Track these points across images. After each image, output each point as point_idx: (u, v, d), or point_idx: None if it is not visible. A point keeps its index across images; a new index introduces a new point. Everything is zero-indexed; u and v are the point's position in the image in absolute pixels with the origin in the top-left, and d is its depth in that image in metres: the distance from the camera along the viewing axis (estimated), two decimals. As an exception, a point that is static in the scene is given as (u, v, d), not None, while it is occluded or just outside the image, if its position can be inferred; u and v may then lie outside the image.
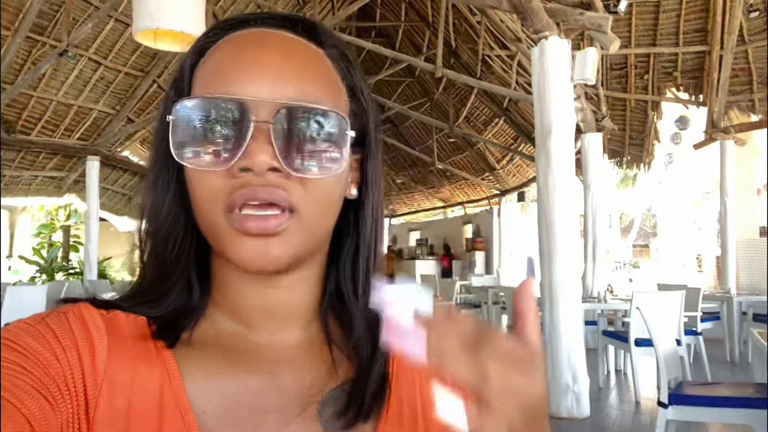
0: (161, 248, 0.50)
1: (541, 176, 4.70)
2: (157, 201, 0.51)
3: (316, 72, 0.50)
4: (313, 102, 0.47)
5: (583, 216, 7.80)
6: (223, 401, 0.48)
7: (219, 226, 0.46)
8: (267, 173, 0.45)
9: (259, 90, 0.46)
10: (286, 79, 0.47)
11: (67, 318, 0.47)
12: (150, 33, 4.63)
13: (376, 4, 12.22)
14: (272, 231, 0.46)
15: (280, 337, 0.53)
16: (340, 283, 0.56)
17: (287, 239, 0.47)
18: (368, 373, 0.53)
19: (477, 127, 13.27)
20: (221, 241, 0.47)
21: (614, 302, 6.21)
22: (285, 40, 0.50)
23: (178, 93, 0.51)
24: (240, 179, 0.45)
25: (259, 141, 0.45)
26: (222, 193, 0.46)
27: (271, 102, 0.46)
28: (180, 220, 0.50)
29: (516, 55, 9.43)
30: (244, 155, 0.45)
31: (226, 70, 0.47)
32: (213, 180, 0.46)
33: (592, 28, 4.89)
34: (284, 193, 0.46)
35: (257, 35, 0.50)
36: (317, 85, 0.49)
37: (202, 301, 0.52)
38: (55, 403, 0.42)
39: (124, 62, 9.47)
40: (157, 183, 0.50)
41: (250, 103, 0.45)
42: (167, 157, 0.49)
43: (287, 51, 0.49)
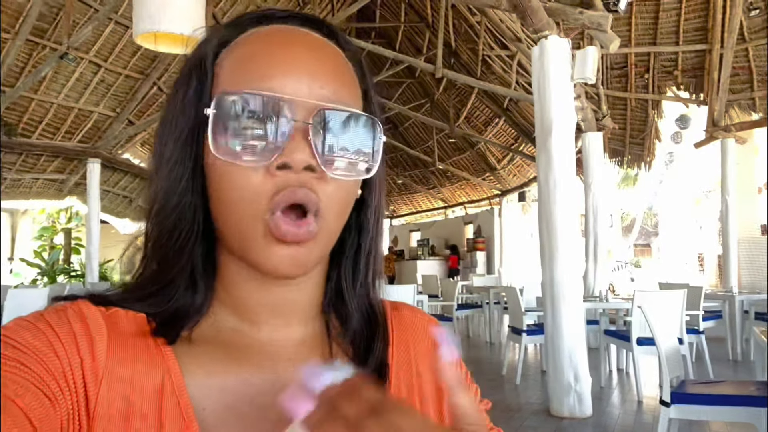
0: (165, 239, 0.50)
1: (541, 176, 4.70)
2: (169, 191, 0.50)
3: (345, 74, 0.51)
4: (346, 104, 0.49)
5: (584, 215, 7.80)
6: (223, 398, 0.48)
7: (254, 230, 0.47)
8: (303, 172, 0.46)
9: (297, 88, 0.47)
10: (323, 79, 0.48)
11: (66, 315, 0.46)
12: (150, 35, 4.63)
13: (376, 4, 12.23)
14: (304, 238, 0.46)
15: (283, 334, 0.53)
16: (341, 281, 0.56)
17: (314, 246, 0.48)
18: (365, 365, 0.53)
19: (477, 127, 13.28)
20: (253, 245, 0.47)
21: (616, 301, 6.20)
22: (316, 40, 0.51)
23: (200, 83, 0.50)
24: (277, 178, 0.46)
25: (297, 139, 0.46)
26: (263, 194, 0.46)
27: (311, 102, 0.47)
28: (188, 214, 0.50)
29: (516, 55, 9.44)
30: (284, 153, 0.45)
31: (261, 65, 0.48)
32: (251, 178, 0.46)
33: (592, 27, 4.89)
34: (315, 198, 0.47)
35: (289, 32, 0.51)
36: (347, 87, 0.50)
37: (206, 298, 0.52)
38: (55, 400, 0.42)
39: (125, 65, 9.48)
40: (171, 173, 0.50)
41: (292, 102, 0.46)
42: (185, 148, 0.49)
43: (320, 50, 0.50)
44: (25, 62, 8.44)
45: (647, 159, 9.71)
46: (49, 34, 8.30)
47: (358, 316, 0.56)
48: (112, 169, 11.15)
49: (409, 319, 0.62)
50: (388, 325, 0.59)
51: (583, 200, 7.68)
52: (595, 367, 5.21)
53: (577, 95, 6.74)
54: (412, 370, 0.57)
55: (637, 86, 9.20)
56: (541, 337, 5.51)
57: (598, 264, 7.64)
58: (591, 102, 8.04)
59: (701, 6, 8.17)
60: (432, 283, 9.98)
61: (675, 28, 8.46)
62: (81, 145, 10.22)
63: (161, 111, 0.53)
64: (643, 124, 9.53)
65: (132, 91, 9.96)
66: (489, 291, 8.47)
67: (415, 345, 0.59)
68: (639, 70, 9.08)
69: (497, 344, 8.24)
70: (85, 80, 9.38)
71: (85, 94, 9.55)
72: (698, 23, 8.34)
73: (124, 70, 9.53)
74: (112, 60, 9.26)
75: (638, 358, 4.92)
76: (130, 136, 10.71)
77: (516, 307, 5.94)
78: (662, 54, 8.80)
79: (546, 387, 4.92)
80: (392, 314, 0.61)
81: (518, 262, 14.44)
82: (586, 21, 4.85)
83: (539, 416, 4.48)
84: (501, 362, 6.31)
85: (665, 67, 8.92)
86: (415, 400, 0.56)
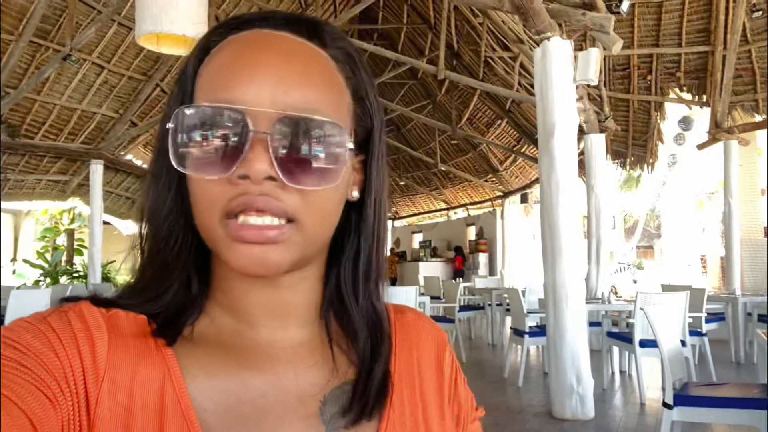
0: (162, 246, 0.50)
1: (544, 177, 4.69)
2: (158, 201, 0.51)
3: (318, 76, 0.49)
4: (312, 110, 0.47)
5: (586, 217, 7.78)
6: (224, 399, 0.48)
7: (216, 232, 0.46)
8: (264, 182, 0.45)
9: (259, 96, 0.46)
10: (288, 85, 0.47)
11: (68, 316, 0.47)
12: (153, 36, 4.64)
13: (379, 6, 12.24)
14: (270, 241, 0.46)
15: (281, 336, 0.53)
16: (340, 283, 0.56)
17: (287, 247, 0.47)
18: (371, 372, 0.53)
19: (480, 128, 13.27)
20: (218, 247, 0.47)
21: (618, 303, 6.19)
22: (287, 43, 0.50)
23: (183, 94, 0.51)
24: (238, 187, 0.45)
25: (257, 150, 0.44)
26: (220, 200, 0.46)
27: (270, 111, 0.45)
28: (180, 220, 0.50)
29: (518, 57, 9.43)
30: (243, 163, 0.45)
31: (227, 74, 0.47)
32: (212, 186, 0.46)
33: (594, 29, 4.89)
34: (279, 203, 0.46)
35: (258, 37, 0.50)
36: (319, 91, 0.48)
37: (201, 297, 0.52)
38: (55, 401, 0.42)
39: (127, 66, 9.50)
40: (158, 183, 0.51)
41: (249, 112, 0.45)
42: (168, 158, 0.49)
43: (289, 54, 0.49)
44: (29, 64, 8.46)
45: (650, 161, 9.69)
46: (52, 35, 8.32)
47: (361, 319, 0.55)
48: (114, 170, 11.17)
49: (412, 323, 0.62)
50: (391, 329, 0.58)
51: (586, 202, 7.67)
52: (597, 369, 5.20)
53: (580, 97, 6.73)
54: (414, 374, 0.57)
55: (639, 88, 9.19)
56: (543, 338, 5.50)
57: (600, 266, 7.63)
58: (593, 103, 8.02)
59: (704, 7, 8.16)
60: (434, 284, 9.98)
61: (678, 29, 8.45)
62: (84, 147, 10.24)
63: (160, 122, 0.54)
64: (646, 126, 9.52)
65: (135, 93, 9.98)
66: (491, 292, 8.46)
67: (418, 348, 0.59)
68: (642, 71, 9.07)
69: (499, 346, 8.23)
70: (88, 81, 9.40)
71: (88, 95, 9.57)
72: (701, 25, 8.33)
73: (126, 72, 9.56)
74: (115, 61, 9.28)
75: (641, 360, 4.91)
76: (133, 138, 10.73)
77: (518, 309, 5.93)
78: (665, 55, 8.78)
79: (548, 389, 4.92)
80: (395, 317, 0.61)
81: (520, 264, 14.42)
82: (588, 22, 4.84)
83: (541, 418, 4.47)
84: (503, 364, 6.30)
85: (668, 68, 8.91)
86: (417, 404, 0.56)
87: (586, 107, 7.33)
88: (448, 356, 0.61)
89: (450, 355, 0.62)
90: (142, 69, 9.69)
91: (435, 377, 0.59)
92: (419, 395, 0.56)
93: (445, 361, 0.61)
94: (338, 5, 11.67)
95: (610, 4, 5.52)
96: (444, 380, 0.59)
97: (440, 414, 0.57)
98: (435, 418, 0.56)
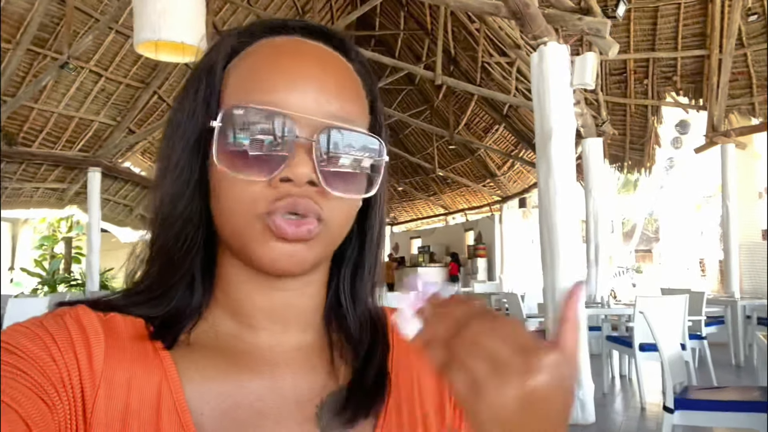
0: (171, 243, 0.50)
1: (542, 182, 4.69)
2: (176, 195, 0.50)
3: (351, 88, 0.51)
4: (351, 121, 0.49)
5: (584, 221, 7.79)
6: (221, 403, 0.48)
7: (252, 227, 0.47)
8: (305, 185, 0.46)
9: (302, 103, 0.47)
10: (329, 94, 0.48)
11: (64, 320, 0.47)
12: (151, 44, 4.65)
13: (376, 13, 12.28)
14: (305, 237, 0.47)
15: (281, 340, 0.53)
16: (339, 287, 0.57)
17: (314, 245, 0.48)
18: (365, 372, 0.53)
19: (477, 133, 13.30)
20: (251, 241, 0.47)
21: (618, 307, 6.18)
22: (324, 53, 0.51)
23: (210, 89, 0.50)
24: (279, 189, 0.46)
25: (301, 155, 0.46)
26: (263, 199, 0.47)
27: (316, 120, 0.47)
28: (194, 218, 0.50)
29: (515, 62, 9.46)
30: (287, 167, 0.46)
31: (268, 77, 0.48)
32: (252, 187, 0.47)
33: (590, 33, 4.91)
34: (317, 208, 0.47)
35: (297, 45, 0.51)
36: (354, 103, 0.50)
37: (203, 300, 0.52)
38: (52, 405, 0.42)
39: (125, 74, 9.51)
40: (178, 178, 0.50)
41: (297, 119, 0.47)
42: (192, 154, 0.50)
43: (327, 64, 0.50)
44: (26, 72, 8.46)
45: (647, 164, 9.71)
46: (49, 43, 8.32)
47: (358, 322, 0.56)
48: (112, 177, 11.15)
49: None
50: (388, 331, 0.58)
51: (584, 206, 7.67)
52: (597, 373, 5.18)
53: (577, 101, 6.75)
54: (413, 378, 0.57)
55: (636, 92, 9.21)
56: (542, 343, 5.48)
57: (599, 270, 7.63)
58: (590, 108, 8.05)
59: (700, 12, 8.20)
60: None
61: (674, 33, 8.48)
62: (81, 154, 10.23)
63: (169, 112, 0.53)
64: (643, 130, 9.54)
65: (132, 100, 9.98)
66: (490, 297, 8.46)
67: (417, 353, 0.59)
68: (638, 75, 9.09)
69: (499, 351, 8.21)
70: (86, 89, 9.40)
71: (86, 103, 9.57)
72: (697, 29, 8.36)
73: (124, 79, 9.56)
74: (112, 69, 9.28)
75: (641, 364, 4.90)
76: (131, 145, 10.72)
77: (517, 314, 5.92)
78: (661, 60, 8.81)
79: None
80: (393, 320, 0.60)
81: (519, 269, 14.41)
82: (584, 27, 4.86)
83: (542, 423, 4.45)
84: (503, 369, 6.27)
85: (664, 72, 8.94)
86: (415, 409, 0.55)
87: (583, 111, 7.35)
88: None
89: None
90: (140, 77, 9.70)
91: (434, 380, 0.58)
92: (418, 400, 0.56)
93: None
94: (335, 12, 11.71)
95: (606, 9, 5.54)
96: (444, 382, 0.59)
97: (440, 417, 0.57)
98: (434, 423, 0.56)
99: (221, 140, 0.47)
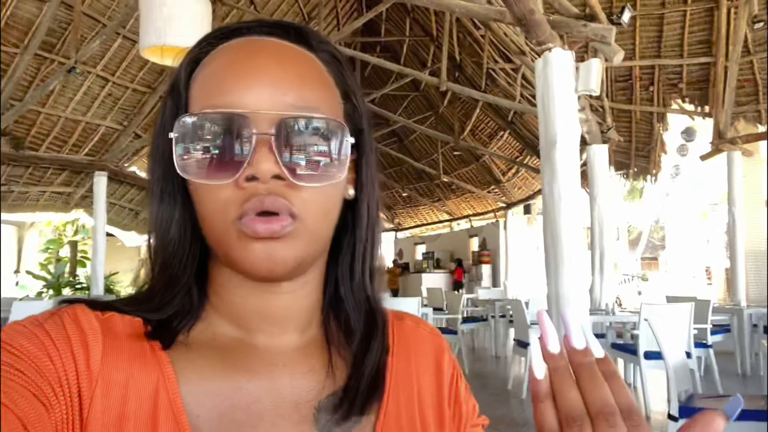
0: (170, 260, 0.51)
1: (546, 188, 4.69)
2: (166, 215, 0.51)
3: (312, 77, 0.50)
4: (312, 109, 0.48)
5: (589, 228, 7.76)
6: (217, 404, 0.47)
7: (229, 234, 0.47)
8: (271, 180, 0.46)
9: (258, 99, 0.47)
10: (285, 86, 0.48)
11: (62, 319, 0.46)
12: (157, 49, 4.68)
13: (381, 19, 12.33)
14: (278, 233, 0.46)
15: (278, 342, 0.53)
16: (338, 282, 0.56)
17: (292, 243, 0.47)
18: (363, 372, 0.52)
19: (482, 140, 13.30)
20: (231, 248, 0.47)
21: (623, 315, 6.15)
22: (279, 47, 0.51)
23: (176, 105, 0.51)
24: (246, 189, 0.46)
25: (262, 151, 0.45)
26: (232, 204, 0.46)
27: (271, 113, 0.46)
28: (187, 232, 0.51)
29: (520, 68, 9.47)
30: (249, 165, 0.45)
31: (223, 80, 0.48)
32: (221, 192, 0.46)
33: (595, 40, 4.91)
34: (285, 203, 0.46)
35: (251, 43, 0.51)
36: (315, 91, 0.49)
37: (199, 303, 0.52)
38: (49, 405, 0.42)
39: (132, 78, 9.57)
40: (164, 196, 0.51)
41: (251, 115, 0.46)
42: (172, 170, 0.49)
43: (283, 57, 0.50)
44: (34, 76, 8.53)
45: (653, 171, 9.68)
46: (57, 48, 8.39)
47: (357, 317, 0.55)
48: (118, 182, 11.21)
49: (411, 330, 0.61)
50: (388, 331, 0.58)
51: (589, 213, 7.65)
52: (601, 381, 5.14)
53: (582, 107, 6.74)
54: (412, 381, 0.57)
55: (641, 99, 9.20)
56: (547, 350, 5.45)
57: (604, 277, 7.59)
58: (595, 114, 8.03)
59: (705, 19, 8.19)
60: (437, 296, 9.93)
61: (679, 40, 8.47)
62: (88, 159, 10.29)
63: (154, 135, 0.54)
64: (649, 137, 9.52)
65: (139, 105, 10.04)
66: (494, 304, 8.42)
67: (417, 356, 0.59)
68: (643, 82, 9.08)
69: (503, 358, 8.18)
70: (93, 94, 9.46)
71: (93, 107, 9.63)
72: (702, 36, 8.35)
73: (131, 84, 9.62)
74: (119, 74, 9.34)
75: (646, 372, 4.86)
76: (137, 150, 10.78)
77: (522, 320, 5.90)
78: (667, 67, 8.80)
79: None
80: (394, 323, 0.60)
81: (524, 275, 14.38)
82: (589, 33, 4.86)
83: (545, 431, 4.43)
84: (507, 376, 6.26)
85: (670, 79, 8.92)
86: (414, 412, 0.55)
87: (588, 118, 7.34)
88: (448, 360, 0.61)
89: (450, 360, 0.61)
90: (147, 81, 9.76)
91: (434, 383, 0.58)
92: (417, 403, 0.56)
93: (444, 365, 0.60)
94: (341, 18, 11.76)
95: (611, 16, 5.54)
96: (443, 383, 0.59)
97: (439, 420, 0.56)
98: (433, 426, 0.55)
99: (180, 150, 0.47)
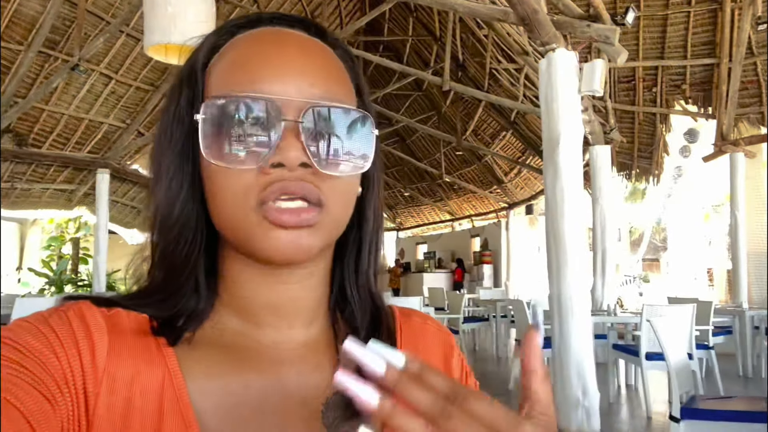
0: (172, 248, 0.50)
1: (549, 189, 4.68)
2: (170, 201, 0.50)
3: (336, 71, 0.51)
4: (338, 101, 0.49)
5: (591, 229, 7.75)
6: (224, 401, 0.47)
7: (249, 220, 0.47)
8: (298, 168, 0.46)
9: (286, 88, 0.47)
10: (313, 77, 0.48)
11: (67, 316, 0.46)
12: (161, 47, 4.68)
13: (384, 18, 12.32)
14: (305, 223, 0.46)
15: (286, 337, 0.52)
16: (344, 277, 0.56)
17: (317, 231, 0.48)
18: None
19: (484, 140, 13.29)
20: (251, 234, 0.47)
21: (624, 315, 6.15)
22: (304, 39, 0.51)
23: (192, 90, 0.51)
24: (271, 175, 0.46)
25: (289, 138, 0.46)
26: (254, 188, 0.46)
27: (300, 101, 0.47)
28: (191, 221, 0.50)
29: (523, 68, 9.45)
30: (276, 152, 0.46)
31: (251, 67, 0.48)
32: (242, 177, 0.46)
33: (599, 40, 4.90)
34: (314, 189, 0.47)
35: (277, 33, 0.51)
36: (339, 84, 0.50)
37: (209, 301, 0.52)
38: (54, 402, 0.41)
39: (135, 76, 9.57)
40: (171, 182, 0.50)
41: (281, 102, 0.46)
42: (182, 156, 0.49)
43: (309, 49, 0.50)
44: (37, 74, 8.54)
45: (655, 173, 9.66)
46: (61, 46, 8.40)
47: (362, 311, 0.56)
48: (120, 179, 11.21)
49: (418, 326, 0.61)
50: (395, 327, 0.58)
51: (591, 214, 7.64)
52: (603, 382, 5.15)
53: (585, 108, 6.74)
54: None
55: (645, 100, 9.18)
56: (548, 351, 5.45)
57: (606, 278, 7.59)
58: (598, 115, 8.02)
59: (709, 20, 8.18)
60: (438, 295, 9.94)
61: (683, 42, 8.46)
62: (91, 156, 10.30)
63: (158, 123, 0.53)
64: (651, 138, 9.50)
65: (142, 103, 10.04)
66: (496, 304, 8.42)
67: (424, 352, 0.59)
68: (647, 83, 9.07)
69: (504, 358, 8.18)
70: (96, 92, 9.47)
71: (96, 105, 9.64)
72: (706, 37, 8.34)
73: (134, 82, 9.63)
74: (122, 72, 9.35)
75: (647, 373, 4.86)
76: (140, 147, 10.78)
77: (523, 321, 5.90)
78: (670, 68, 8.79)
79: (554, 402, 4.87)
80: (401, 319, 0.60)
81: (525, 276, 14.37)
82: (593, 34, 4.85)
83: (546, 431, 4.42)
84: (508, 376, 6.25)
85: (673, 80, 8.91)
86: None
87: (591, 119, 7.33)
88: (457, 358, 0.61)
89: (458, 357, 0.61)
90: (150, 79, 9.77)
91: None
92: None
93: (453, 362, 0.60)
94: (344, 17, 11.75)
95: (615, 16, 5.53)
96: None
97: None
98: None
99: (206, 133, 0.47)
